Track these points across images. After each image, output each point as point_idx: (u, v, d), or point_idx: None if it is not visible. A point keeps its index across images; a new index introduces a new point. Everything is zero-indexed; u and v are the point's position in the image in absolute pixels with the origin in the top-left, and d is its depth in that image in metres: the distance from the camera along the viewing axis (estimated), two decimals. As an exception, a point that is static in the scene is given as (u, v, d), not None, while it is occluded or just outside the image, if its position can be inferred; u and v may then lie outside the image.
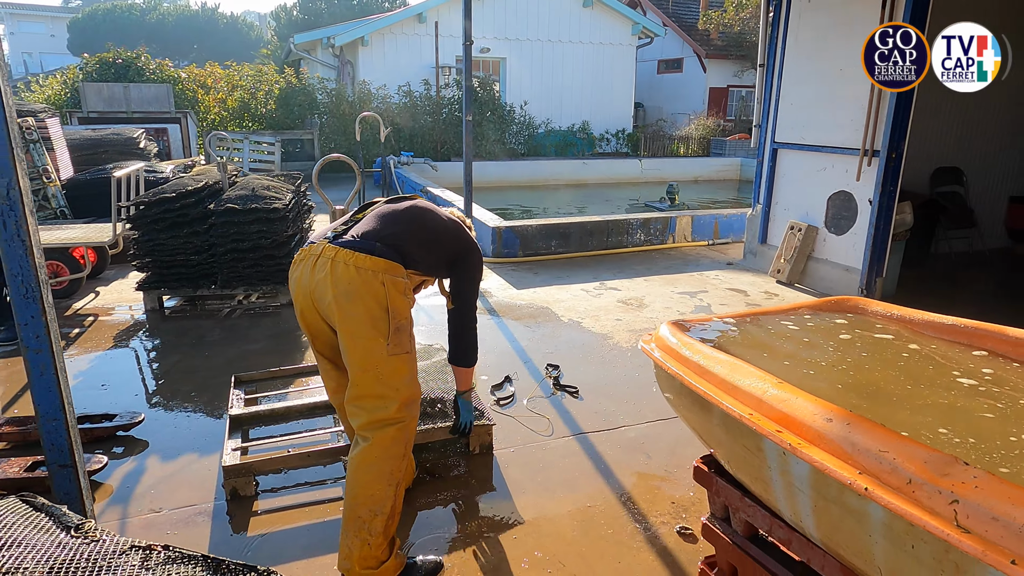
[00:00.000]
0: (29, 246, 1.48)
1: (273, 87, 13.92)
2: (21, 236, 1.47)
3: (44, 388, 1.57)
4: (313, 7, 35.87)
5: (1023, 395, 1.64)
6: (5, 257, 1.48)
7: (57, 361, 1.58)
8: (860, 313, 2.26)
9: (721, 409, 1.60)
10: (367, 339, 1.98)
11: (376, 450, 2.01)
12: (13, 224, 1.46)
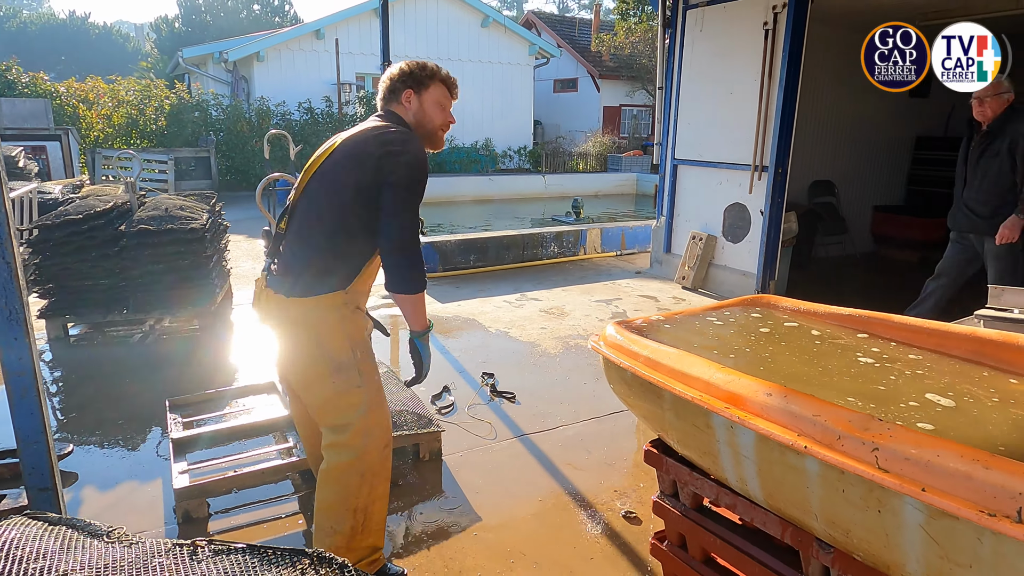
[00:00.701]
0: (14, 268, 1.48)
1: (163, 103, 13.28)
2: (6, 259, 1.47)
3: (26, 411, 1.56)
4: (197, 20, 34.39)
5: (908, 368, 1.98)
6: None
7: (39, 384, 1.58)
8: (772, 308, 2.59)
9: (673, 394, 1.82)
10: (312, 380, 2.02)
11: (333, 472, 2.05)
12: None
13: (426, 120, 2.12)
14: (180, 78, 19.43)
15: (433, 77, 2.13)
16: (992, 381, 1.85)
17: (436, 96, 2.12)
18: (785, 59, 5.10)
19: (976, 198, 4.03)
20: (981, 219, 4.02)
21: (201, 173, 13.04)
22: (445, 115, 2.15)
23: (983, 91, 3.86)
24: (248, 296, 5.83)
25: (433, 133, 2.14)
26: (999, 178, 3.90)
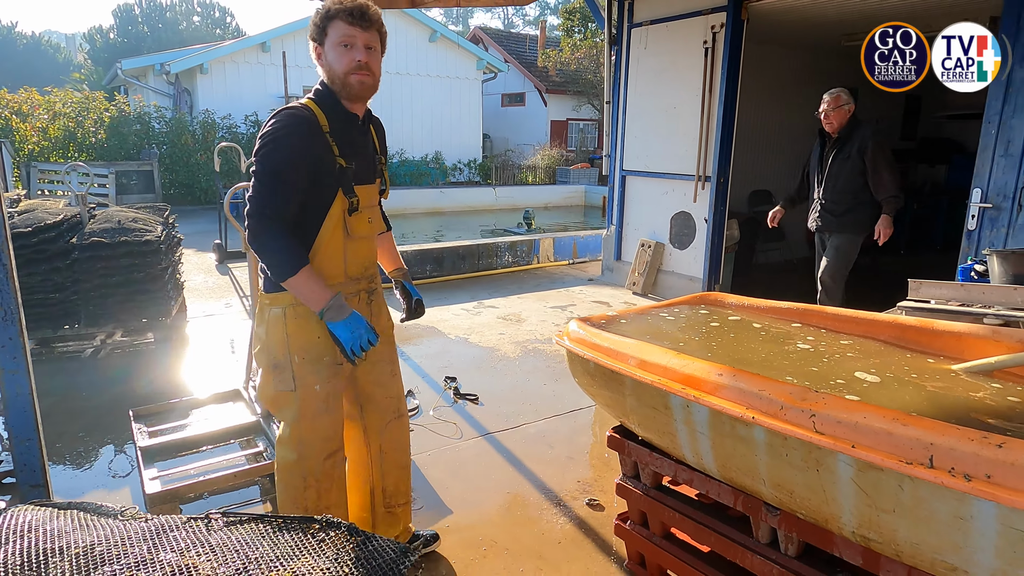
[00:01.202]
0: (10, 269, 1.54)
1: (103, 115, 12.92)
2: (2, 260, 1.53)
3: (19, 409, 1.61)
4: (134, 31, 33.46)
5: (839, 352, 2.21)
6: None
7: (31, 383, 1.63)
8: (718, 305, 2.80)
9: (633, 379, 1.99)
10: (261, 372, 2.01)
11: (279, 469, 2.06)
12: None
13: (332, 73, 1.85)
14: (118, 90, 18.91)
15: (329, 17, 1.82)
16: (912, 361, 2.08)
17: (335, 38, 1.82)
18: (724, 75, 5.42)
19: (832, 198, 4.38)
20: (835, 217, 4.39)
21: (143, 187, 12.72)
22: (350, 55, 1.81)
23: (828, 105, 4.31)
24: (201, 309, 5.78)
25: (342, 82, 1.84)
26: (851, 180, 4.28)
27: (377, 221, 2.07)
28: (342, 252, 1.91)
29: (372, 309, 2.11)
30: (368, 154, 2.01)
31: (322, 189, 1.85)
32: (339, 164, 1.86)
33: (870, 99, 8.70)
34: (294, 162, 1.78)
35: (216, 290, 6.51)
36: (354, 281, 1.99)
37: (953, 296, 2.65)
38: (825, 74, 8.05)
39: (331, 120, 1.87)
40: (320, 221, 1.85)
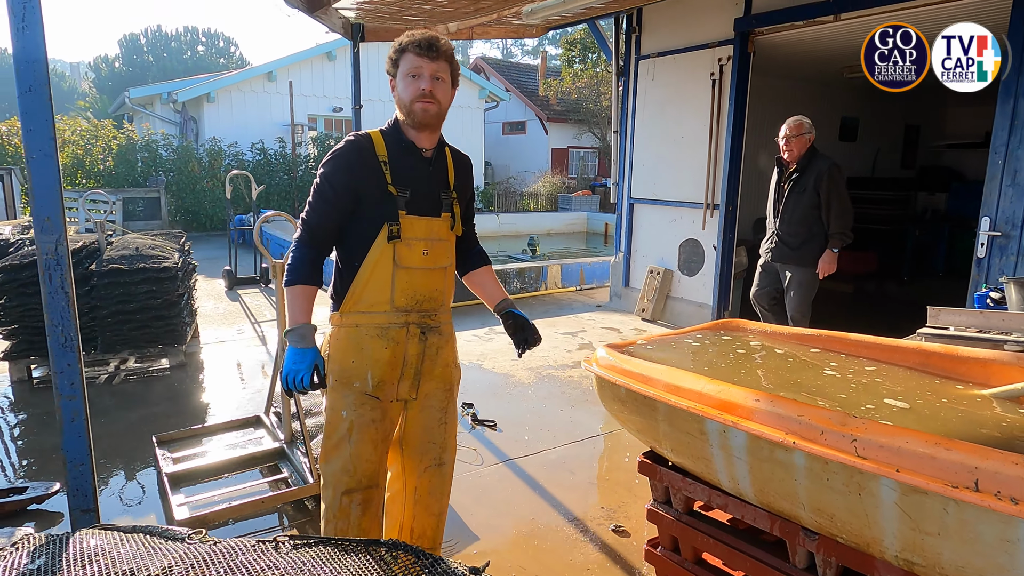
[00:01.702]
0: (71, 297, 1.59)
1: (111, 143, 13.07)
2: (65, 289, 1.58)
3: (75, 434, 1.64)
4: (139, 60, 33.97)
5: (865, 378, 2.25)
6: (48, 308, 1.57)
7: (87, 408, 1.67)
8: (740, 331, 2.85)
9: (667, 405, 2.03)
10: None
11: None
12: (59, 278, 1.56)
13: (401, 102, 1.90)
14: (124, 118, 19.12)
15: (401, 50, 1.88)
16: (939, 388, 2.12)
17: (405, 69, 1.87)
18: (732, 106, 5.54)
19: (787, 231, 4.39)
20: (791, 250, 4.40)
21: (150, 214, 12.82)
22: (416, 84, 1.85)
23: (790, 132, 4.33)
24: (213, 335, 5.81)
25: (408, 110, 1.88)
26: (807, 212, 4.29)
27: (440, 255, 1.97)
28: (389, 280, 1.88)
29: (426, 348, 1.96)
30: (431, 186, 1.96)
31: (370, 213, 1.87)
32: (389, 191, 1.86)
33: (871, 129, 8.88)
34: (336, 183, 1.86)
35: (227, 316, 6.54)
36: (401, 312, 1.91)
37: (972, 323, 2.70)
38: (828, 104, 8.23)
39: (390, 148, 1.91)
40: (368, 246, 1.86)
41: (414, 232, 1.89)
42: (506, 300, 2.23)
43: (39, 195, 1.54)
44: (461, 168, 2.09)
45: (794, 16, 4.98)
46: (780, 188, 4.47)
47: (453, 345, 2.10)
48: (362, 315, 1.89)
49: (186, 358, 5.00)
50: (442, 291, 1.99)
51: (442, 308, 2.01)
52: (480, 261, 2.24)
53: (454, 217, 2.00)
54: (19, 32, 1.44)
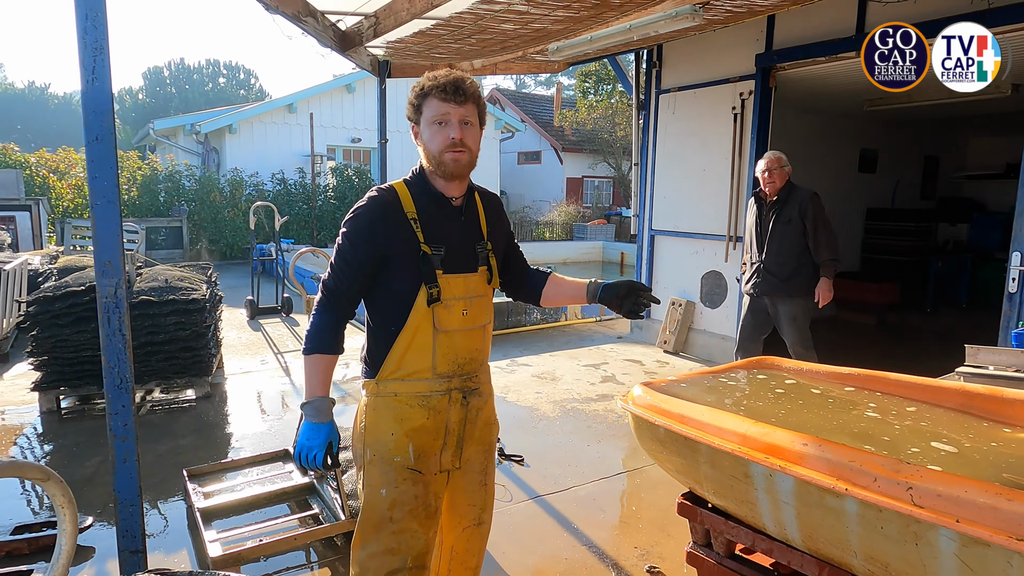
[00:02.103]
0: (128, 340, 1.61)
1: (136, 173, 13.34)
2: (122, 331, 1.60)
3: (126, 475, 1.65)
4: (162, 92, 34.78)
5: (908, 419, 2.22)
6: (106, 350, 1.59)
7: (138, 449, 1.68)
8: (775, 369, 2.83)
9: (710, 447, 2.01)
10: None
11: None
12: (117, 320, 1.59)
13: (427, 152, 1.76)
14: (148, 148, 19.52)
15: (424, 95, 1.74)
16: (986, 431, 2.09)
17: (429, 116, 1.73)
18: (753, 140, 5.57)
19: (776, 262, 4.37)
20: (780, 281, 4.36)
21: (172, 243, 13.02)
22: (444, 133, 1.71)
23: (771, 164, 4.34)
24: (238, 366, 5.84)
25: (438, 161, 1.74)
26: (794, 243, 4.30)
27: (479, 312, 1.83)
28: (431, 346, 1.74)
29: (467, 413, 1.83)
30: (466, 239, 1.82)
31: (403, 275, 1.73)
32: (423, 251, 1.72)
33: (891, 161, 8.89)
34: (360, 246, 1.71)
35: (250, 346, 6.58)
36: (443, 379, 1.77)
37: (1013, 363, 2.67)
38: (847, 136, 8.26)
39: (418, 201, 1.76)
40: (407, 310, 1.72)
41: (452, 292, 1.75)
42: (592, 282, 2.01)
43: (101, 240, 1.57)
44: (493, 211, 1.94)
45: (816, 52, 5.03)
46: (762, 221, 4.48)
47: (492, 402, 1.97)
48: (402, 383, 1.75)
49: (212, 389, 5.03)
50: (482, 350, 1.87)
51: (482, 368, 1.89)
52: (542, 277, 2.08)
53: (491, 270, 1.86)
54: (89, 84, 1.49)
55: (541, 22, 4.37)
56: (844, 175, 8.34)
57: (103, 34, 1.48)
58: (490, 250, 1.87)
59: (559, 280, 2.07)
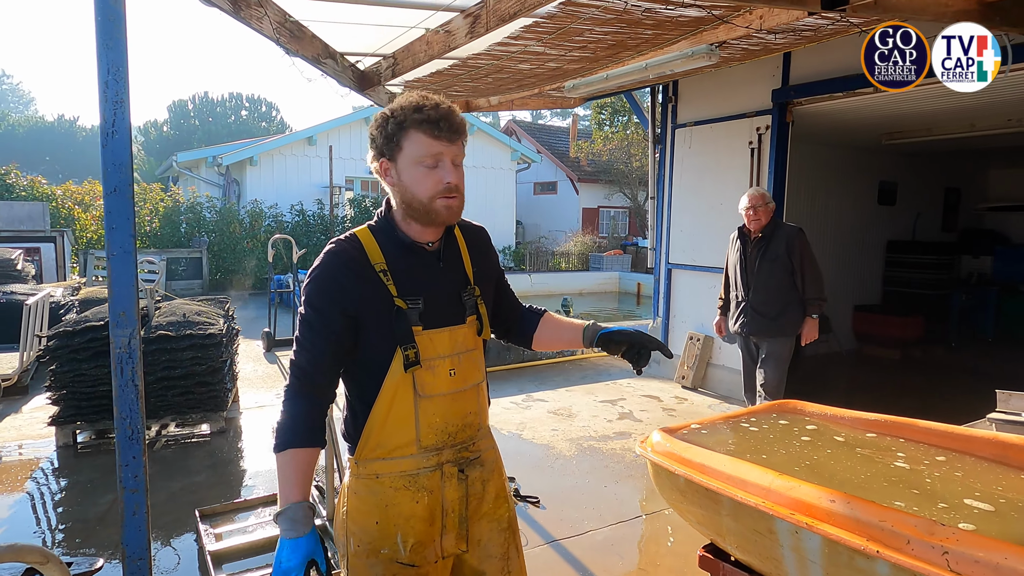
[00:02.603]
0: (140, 390, 1.60)
1: (158, 205, 13.59)
2: (135, 382, 1.59)
3: (135, 528, 1.62)
4: (186, 124, 35.62)
5: (938, 471, 2.14)
6: (118, 401, 1.58)
7: (148, 501, 1.66)
8: (798, 413, 2.75)
9: (732, 500, 1.95)
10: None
11: None
12: (130, 371, 1.58)
13: (410, 196, 1.47)
14: (171, 180, 19.91)
15: (403, 127, 1.44)
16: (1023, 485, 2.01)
17: (415, 155, 1.45)
18: (771, 175, 5.54)
19: (763, 300, 4.28)
20: (770, 320, 4.27)
21: (192, 273, 13.18)
22: (435, 176, 1.45)
23: (756, 201, 4.29)
24: (253, 399, 5.84)
25: (425, 208, 1.47)
26: (781, 281, 4.23)
27: (470, 370, 1.57)
28: (412, 416, 1.48)
29: (469, 488, 1.56)
30: (447, 286, 1.56)
31: (377, 336, 1.48)
32: (397, 306, 1.47)
33: (910, 193, 8.80)
34: (326, 310, 1.46)
35: (266, 379, 6.58)
36: (432, 453, 1.51)
37: (1047, 409, 2.58)
38: (865, 168, 8.20)
39: (387, 250, 1.51)
40: (381, 376, 1.47)
41: (436, 350, 1.50)
42: (590, 326, 1.75)
43: (117, 290, 1.57)
44: (477, 248, 1.67)
45: (833, 88, 5.02)
46: (747, 258, 4.41)
47: (501, 471, 1.68)
48: (383, 462, 1.49)
49: (226, 424, 5.02)
50: (477, 414, 1.60)
51: (480, 433, 1.62)
52: (534, 316, 1.84)
53: (480, 319, 1.60)
54: (109, 137, 1.51)
55: (557, 62, 4.41)
56: (863, 208, 8.26)
57: (124, 88, 1.50)
58: (478, 296, 1.61)
59: (554, 321, 1.83)
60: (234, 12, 2.93)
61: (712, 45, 3.98)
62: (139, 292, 6.85)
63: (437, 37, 3.81)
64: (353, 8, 3.42)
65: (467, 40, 3.55)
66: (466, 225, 1.68)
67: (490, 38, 3.78)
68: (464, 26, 3.51)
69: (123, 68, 1.49)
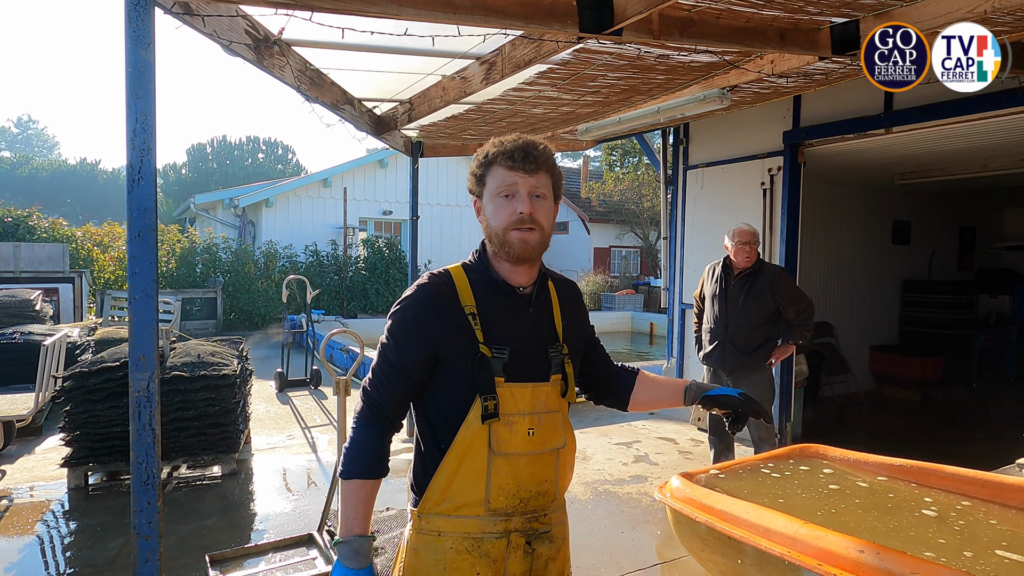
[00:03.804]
0: (157, 436, 1.60)
1: (175, 246, 13.79)
2: (152, 426, 1.59)
3: (148, 575, 1.61)
4: (204, 167, 36.34)
5: (967, 519, 2.07)
6: (135, 445, 1.58)
7: (161, 548, 1.64)
8: (821, 458, 2.70)
9: (757, 549, 1.89)
10: None
11: None
12: (147, 415, 1.58)
13: (490, 230, 1.48)
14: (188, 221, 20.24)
15: (488, 163, 1.48)
16: (1057, 533, 1.94)
17: (494, 187, 1.47)
18: (784, 215, 5.55)
19: (743, 335, 4.21)
20: (745, 355, 4.20)
21: (206, 313, 13.28)
22: (510, 207, 1.44)
23: (750, 238, 4.26)
24: (265, 441, 5.80)
25: (501, 240, 1.45)
26: (763, 318, 4.18)
27: (550, 433, 1.48)
28: (484, 473, 1.41)
29: (533, 564, 1.47)
30: (535, 339, 1.49)
31: (456, 380, 1.43)
32: (482, 353, 1.41)
33: (925, 232, 8.77)
34: (407, 345, 1.44)
35: (278, 420, 6.55)
36: (500, 518, 1.42)
37: (1078, 455, 2.51)
38: (879, 208, 8.20)
39: (478, 291, 1.47)
40: (457, 423, 1.41)
41: (516, 405, 1.42)
42: (692, 386, 1.69)
43: (137, 334, 1.58)
44: (570, 303, 1.61)
45: (844, 129, 5.05)
46: (728, 292, 4.35)
47: (567, 551, 1.58)
48: (447, 519, 1.42)
49: (238, 465, 4.98)
50: (554, 482, 1.49)
51: (554, 504, 1.51)
52: (630, 376, 1.75)
53: (566, 380, 1.51)
54: (135, 183, 1.54)
55: (571, 106, 4.49)
56: (877, 247, 8.22)
57: (151, 136, 1.54)
58: (566, 355, 1.52)
59: (651, 380, 1.74)
60: (257, 61, 3.02)
61: (724, 89, 4.04)
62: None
63: (453, 83, 3.89)
64: (372, 56, 3.51)
65: (483, 86, 3.62)
66: (559, 279, 1.64)
67: (505, 84, 3.85)
68: (480, 73, 3.59)
69: (151, 117, 1.53)
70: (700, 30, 2.81)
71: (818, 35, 3.20)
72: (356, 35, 2.72)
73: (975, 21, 2.91)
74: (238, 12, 2.65)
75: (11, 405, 5.04)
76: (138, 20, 1.54)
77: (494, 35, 3.08)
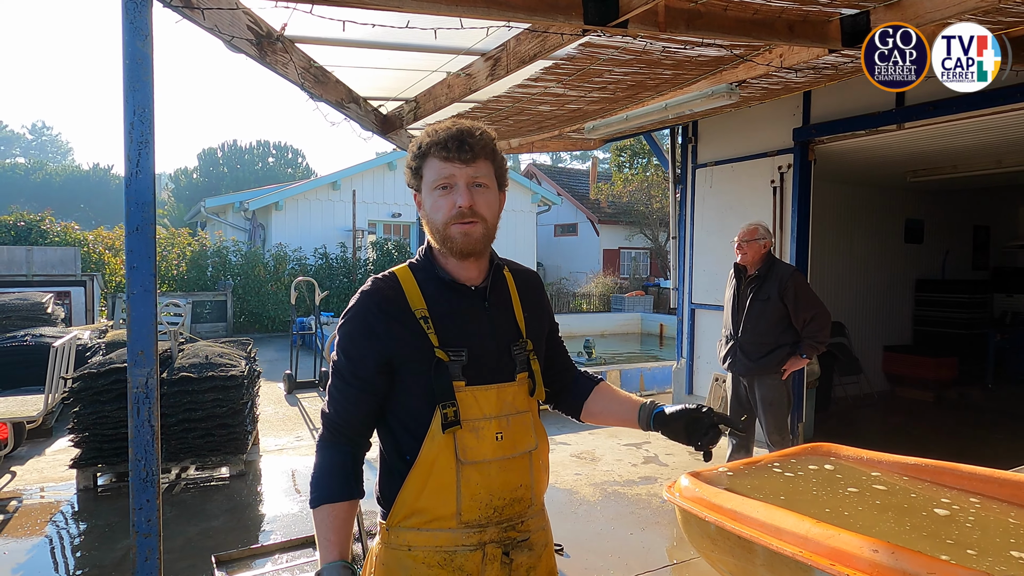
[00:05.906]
0: (156, 433, 1.58)
1: (185, 250, 13.87)
2: (151, 423, 1.57)
3: (147, 573, 1.59)
4: (215, 171, 36.58)
5: (982, 519, 2.02)
6: (133, 442, 1.56)
7: (161, 547, 1.62)
8: (834, 456, 2.64)
9: (768, 549, 1.85)
10: None
11: None
12: (146, 412, 1.56)
13: (432, 225, 1.39)
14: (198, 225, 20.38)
15: (423, 155, 1.38)
16: (1078, 533, 1.88)
17: (430, 181, 1.37)
18: (795, 213, 5.49)
19: (751, 340, 4.08)
20: (752, 361, 4.06)
21: (216, 316, 13.33)
22: (448, 200, 1.35)
23: (742, 236, 4.11)
24: (273, 442, 5.80)
25: (443, 236, 1.37)
26: (772, 323, 4.00)
27: (521, 435, 1.39)
28: (453, 485, 1.32)
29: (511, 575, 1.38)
30: (495, 336, 1.41)
31: (416, 391, 1.35)
32: (438, 358, 1.33)
33: (938, 231, 8.66)
34: (358, 357, 1.35)
35: (286, 422, 6.55)
36: (474, 530, 1.34)
37: (1099, 453, 2.44)
38: (891, 207, 8.11)
39: (427, 291, 1.38)
40: (420, 435, 1.33)
41: (481, 409, 1.34)
42: (646, 404, 1.54)
43: (136, 329, 1.56)
44: (530, 295, 1.52)
45: (855, 126, 4.99)
46: (739, 295, 4.22)
47: (550, 556, 1.47)
48: (417, 533, 1.33)
49: (246, 467, 4.97)
50: (529, 487, 1.40)
51: (531, 510, 1.41)
52: (588, 383, 1.65)
53: (533, 377, 1.43)
54: (133, 176, 1.52)
55: (577, 103, 4.45)
56: (889, 246, 8.12)
57: (149, 128, 1.52)
58: (531, 351, 1.44)
59: (608, 394, 1.63)
60: (260, 57, 3.00)
61: (732, 84, 3.99)
62: (163, 334, 6.87)
63: (458, 80, 3.87)
64: (375, 53, 3.49)
65: (488, 83, 3.59)
66: (518, 269, 1.55)
67: (510, 80, 3.82)
68: (485, 69, 3.56)
69: (148, 110, 1.52)
70: (707, 22, 2.77)
71: (828, 27, 3.15)
72: (358, 30, 2.70)
73: (987, 11, 2.85)
74: (238, 5, 2.64)
75: (22, 407, 5.06)
76: (135, 11, 1.52)
77: (498, 30, 3.05)
